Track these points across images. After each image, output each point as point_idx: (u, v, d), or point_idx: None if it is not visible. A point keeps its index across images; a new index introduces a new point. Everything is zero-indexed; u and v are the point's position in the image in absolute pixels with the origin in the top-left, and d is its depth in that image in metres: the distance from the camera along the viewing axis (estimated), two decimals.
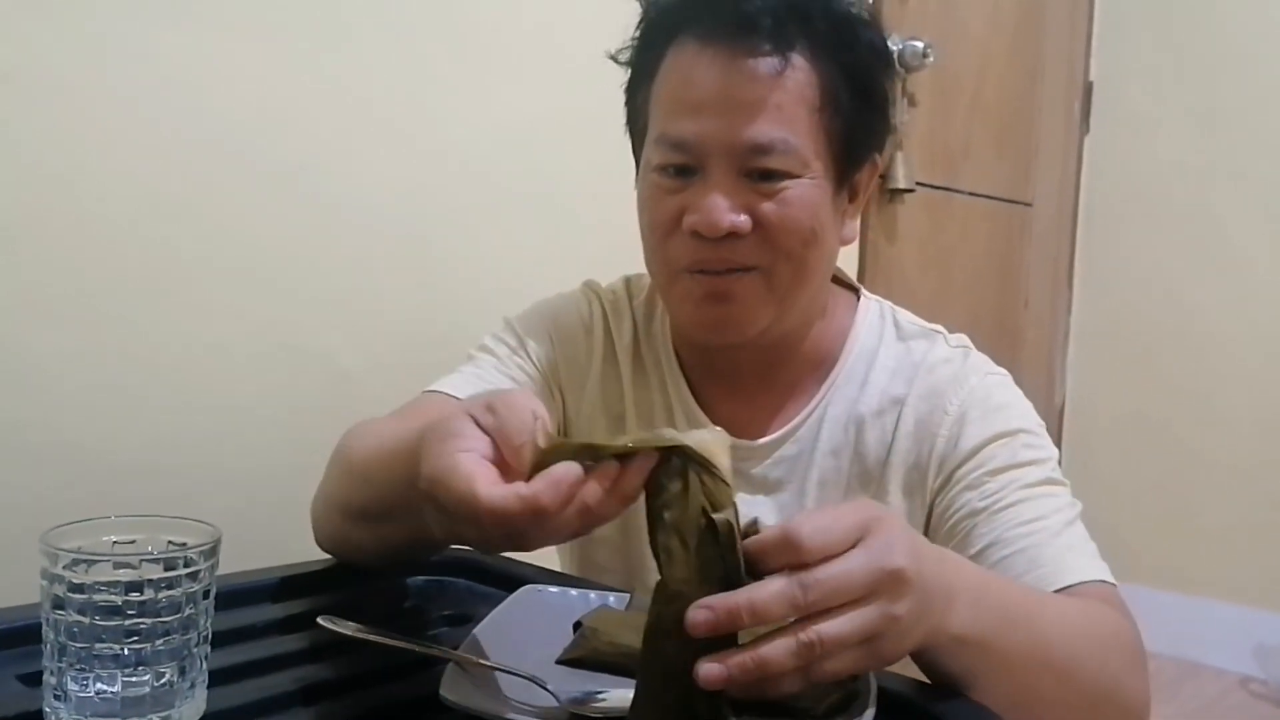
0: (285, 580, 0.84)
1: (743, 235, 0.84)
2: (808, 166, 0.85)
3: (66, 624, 0.54)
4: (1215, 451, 2.75)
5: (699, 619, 0.53)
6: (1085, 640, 0.72)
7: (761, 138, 0.83)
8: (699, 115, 0.84)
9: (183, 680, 0.56)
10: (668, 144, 0.86)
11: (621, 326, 1.01)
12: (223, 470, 1.19)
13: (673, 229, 0.87)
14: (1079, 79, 2.94)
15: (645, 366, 1.00)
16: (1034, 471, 0.86)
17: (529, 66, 1.48)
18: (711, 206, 0.83)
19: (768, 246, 0.85)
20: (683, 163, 0.86)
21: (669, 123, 0.86)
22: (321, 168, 1.28)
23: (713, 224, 0.83)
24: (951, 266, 2.55)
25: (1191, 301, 2.82)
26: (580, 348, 1.00)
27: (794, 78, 0.84)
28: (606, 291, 1.04)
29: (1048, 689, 0.69)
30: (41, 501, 1.04)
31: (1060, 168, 2.91)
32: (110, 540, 0.59)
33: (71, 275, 1.08)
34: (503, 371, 0.97)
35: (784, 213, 0.84)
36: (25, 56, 1.04)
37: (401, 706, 0.62)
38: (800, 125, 0.84)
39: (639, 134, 0.93)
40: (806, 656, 0.53)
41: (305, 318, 1.27)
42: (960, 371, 0.93)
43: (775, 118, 0.83)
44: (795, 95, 0.84)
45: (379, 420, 0.89)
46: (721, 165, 0.84)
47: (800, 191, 0.85)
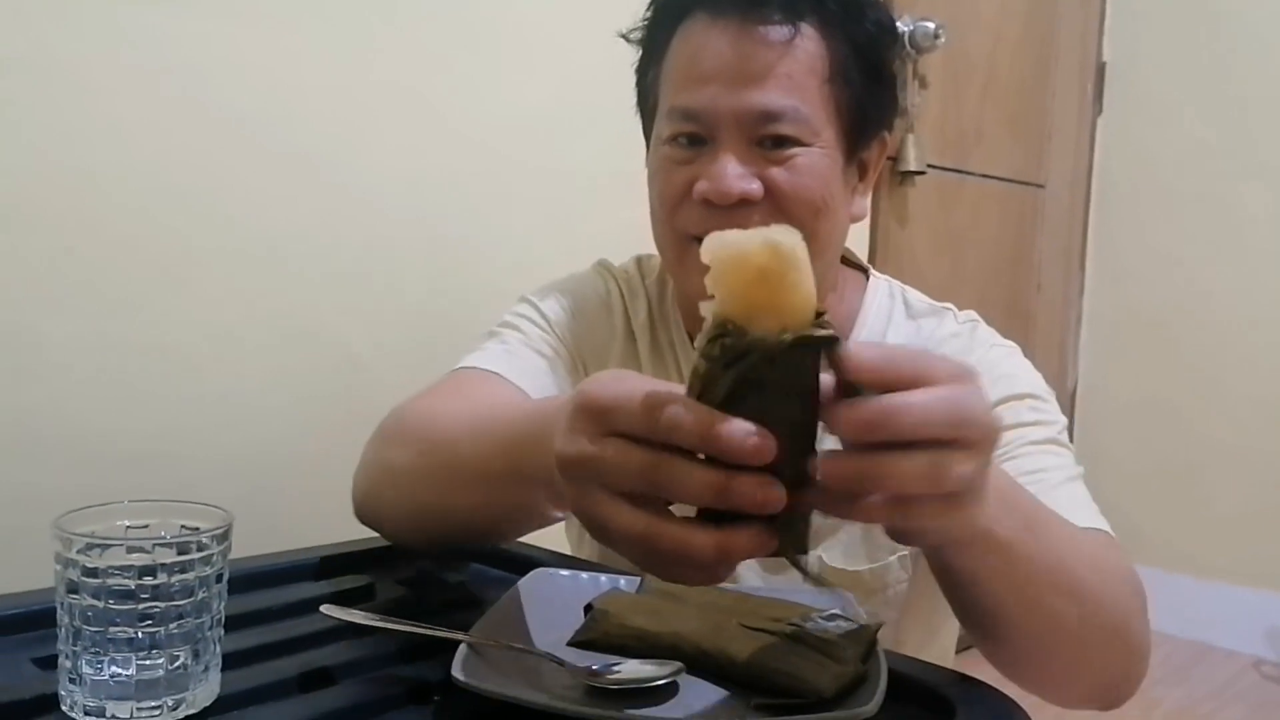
0: (299, 564, 0.84)
1: (754, 203, 0.84)
2: (818, 135, 0.86)
3: (80, 608, 0.55)
4: (1227, 435, 2.74)
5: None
6: (1100, 571, 0.71)
7: (772, 104, 0.84)
8: (709, 85, 0.85)
9: (196, 663, 0.57)
10: (678, 115, 0.87)
11: (637, 305, 1.01)
12: (235, 456, 1.19)
13: (682, 199, 0.87)
14: (1092, 59, 2.92)
15: (661, 346, 1.00)
16: (1039, 431, 0.86)
17: (540, 51, 1.48)
18: (722, 173, 0.84)
19: (779, 215, 0.85)
20: (693, 132, 0.86)
21: (679, 94, 0.87)
22: (332, 154, 1.28)
23: (724, 190, 0.83)
24: (963, 249, 2.54)
25: (1205, 285, 2.80)
26: (602, 326, 1.00)
27: (804, 47, 0.85)
28: (620, 271, 1.04)
29: (1060, 611, 0.67)
30: (54, 488, 1.04)
31: (1073, 149, 2.89)
32: (123, 525, 0.59)
33: (82, 263, 1.09)
34: (531, 347, 0.96)
35: (795, 180, 0.85)
36: (36, 44, 1.04)
37: (415, 689, 0.62)
38: (810, 94, 0.85)
39: (649, 113, 0.93)
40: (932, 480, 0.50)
41: (317, 304, 1.28)
42: (968, 344, 0.93)
43: (785, 85, 0.84)
44: (805, 65, 0.84)
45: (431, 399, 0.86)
46: (732, 133, 0.85)
47: (811, 160, 0.85)
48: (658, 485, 0.50)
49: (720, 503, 0.49)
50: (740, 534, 0.50)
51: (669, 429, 0.49)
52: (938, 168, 2.37)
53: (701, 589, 0.74)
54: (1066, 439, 0.88)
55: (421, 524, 0.82)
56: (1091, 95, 2.93)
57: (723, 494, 0.49)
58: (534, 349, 0.95)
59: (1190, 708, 2.39)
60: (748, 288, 0.48)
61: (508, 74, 1.45)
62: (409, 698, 0.61)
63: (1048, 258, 2.84)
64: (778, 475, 0.49)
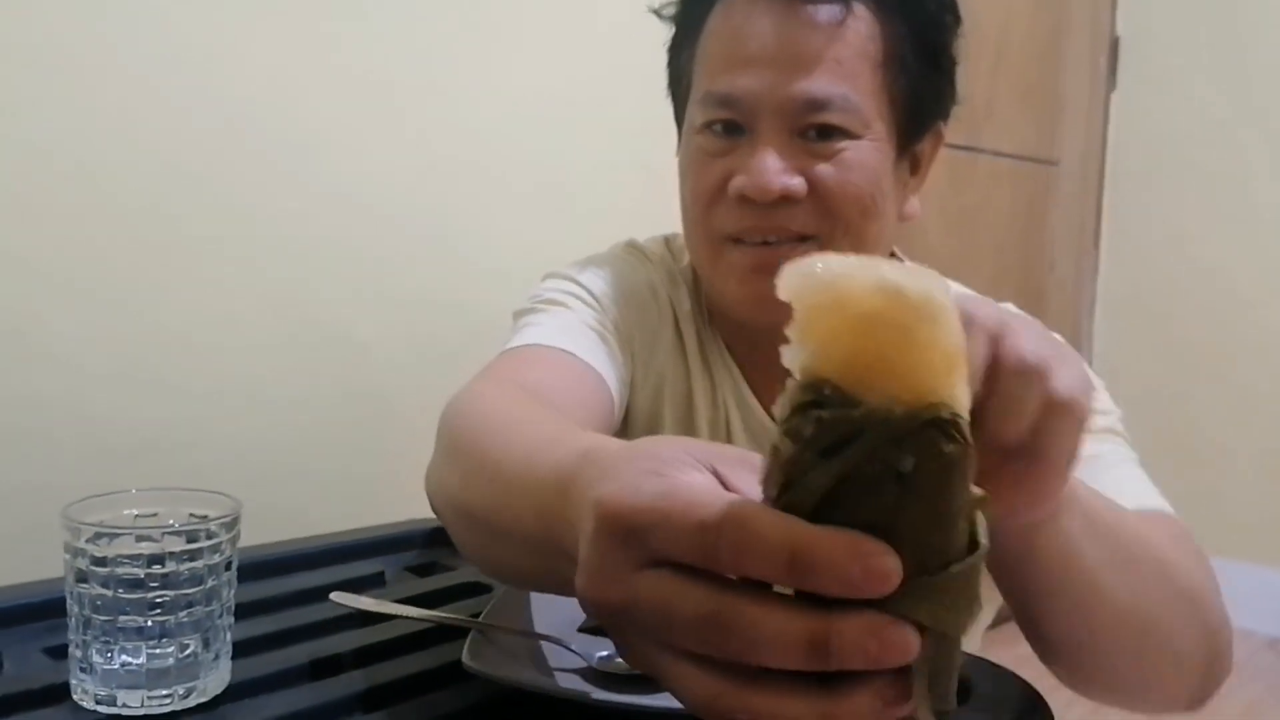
0: (308, 552, 0.84)
1: (796, 201, 0.77)
2: (868, 127, 0.78)
3: (90, 597, 0.55)
4: (1244, 413, 2.72)
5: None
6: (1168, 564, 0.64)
7: (819, 92, 0.76)
8: (749, 68, 0.77)
9: (207, 652, 0.57)
10: (714, 100, 0.79)
11: (679, 293, 0.91)
12: (242, 444, 1.19)
13: (718, 196, 0.80)
14: (1105, 34, 2.89)
15: (707, 346, 0.91)
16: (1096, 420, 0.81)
17: (543, 43, 1.47)
18: (762, 168, 0.76)
19: (824, 214, 0.78)
20: (730, 118, 0.79)
21: (716, 78, 0.79)
22: (337, 145, 1.27)
23: (763, 186, 0.76)
24: (975, 228, 2.52)
25: (1219, 262, 2.77)
26: (650, 311, 0.89)
27: (856, 29, 0.77)
28: (653, 254, 0.94)
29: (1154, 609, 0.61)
30: (62, 478, 1.04)
31: (1086, 126, 2.86)
32: (132, 514, 0.59)
33: (88, 254, 1.09)
34: (587, 324, 0.84)
35: (842, 177, 0.77)
36: (38, 37, 1.04)
37: (426, 676, 0.62)
38: (861, 82, 0.77)
39: (681, 97, 0.86)
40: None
41: (322, 292, 1.27)
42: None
43: (834, 71, 0.76)
44: (857, 49, 0.77)
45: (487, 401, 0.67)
46: (773, 123, 0.77)
47: (860, 154, 0.78)
48: (723, 642, 0.34)
49: (820, 663, 0.33)
50: (855, 696, 0.34)
51: (737, 555, 0.34)
52: (949, 145, 2.34)
53: None
54: (1122, 428, 0.81)
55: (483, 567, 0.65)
56: (1105, 70, 2.90)
57: (822, 648, 0.33)
58: (590, 327, 0.83)
59: None
60: (856, 340, 0.33)
61: (512, 66, 1.44)
62: (419, 685, 0.61)
63: (1060, 236, 2.82)
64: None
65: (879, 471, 0.33)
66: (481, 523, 0.57)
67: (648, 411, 0.88)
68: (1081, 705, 0.90)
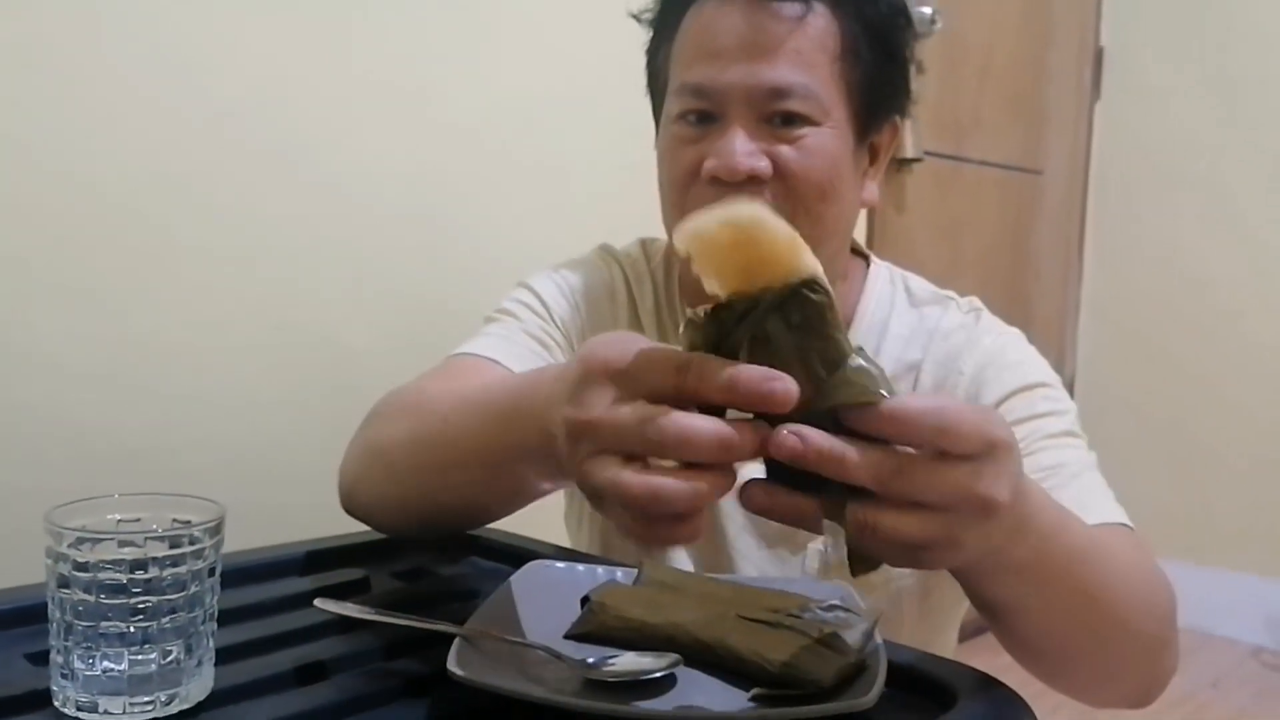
0: (292, 558, 0.84)
1: (763, 181, 0.84)
2: (828, 114, 0.85)
3: (72, 603, 0.54)
4: (1227, 421, 2.74)
5: (786, 444, 0.50)
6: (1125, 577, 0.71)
7: (781, 81, 0.84)
8: (719, 61, 0.85)
9: (189, 658, 0.56)
10: (688, 91, 0.87)
11: (643, 290, 1.00)
12: (227, 450, 1.19)
13: (692, 179, 0.87)
14: (1090, 44, 2.91)
15: (667, 331, 0.99)
16: (1054, 422, 0.86)
17: (533, 40, 1.47)
18: (731, 149, 0.83)
19: (786, 194, 0.84)
20: (702, 108, 0.86)
21: (689, 70, 0.87)
22: (324, 145, 1.27)
23: (732, 167, 0.83)
24: (961, 237, 2.53)
25: (1203, 271, 2.79)
26: (604, 313, 0.99)
27: (815, 24, 0.85)
28: (624, 255, 1.03)
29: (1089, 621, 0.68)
30: (46, 482, 1.04)
31: (1071, 135, 2.88)
32: (115, 518, 0.59)
33: (72, 258, 1.08)
34: (529, 333, 0.94)
35: (804, 160, 0.84)
36: (25, 39, 1.03)
37: (411, 682, 0.61)
38: (821, 72, 0.85)
39: (659, 93, 0.93)
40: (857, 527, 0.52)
41: (309, 297, 1.27)
42: (973, 334, 0.93)
43: (796, 62, 0.84)
44: (816, 42, 0.85)
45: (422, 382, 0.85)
46: (741, 110, 0.84)
47: (821, 140, 0.85)
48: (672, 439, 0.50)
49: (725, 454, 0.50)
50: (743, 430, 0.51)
51: (699, 384, 0.50)
52: (935, 154, 2.36)
53: (699, 580, 0.74)
54: (1078, 428, 0.88)
55: (407, 504, 0.79)
56: (1089, 81, 2.92)
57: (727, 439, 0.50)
58: (531, 335, 0.94)
59: (1190, 695, 2.40)
60: (726, 260, 0.51)
61: (501, 64, 1.44)
62: (404, 691, 0.61)
63: (1046, 245, 2.84)
64: None
65: (771, 332, 0.51)
66: (428, 457, 0.73)
67: None
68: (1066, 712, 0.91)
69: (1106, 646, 0.69)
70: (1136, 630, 0.71)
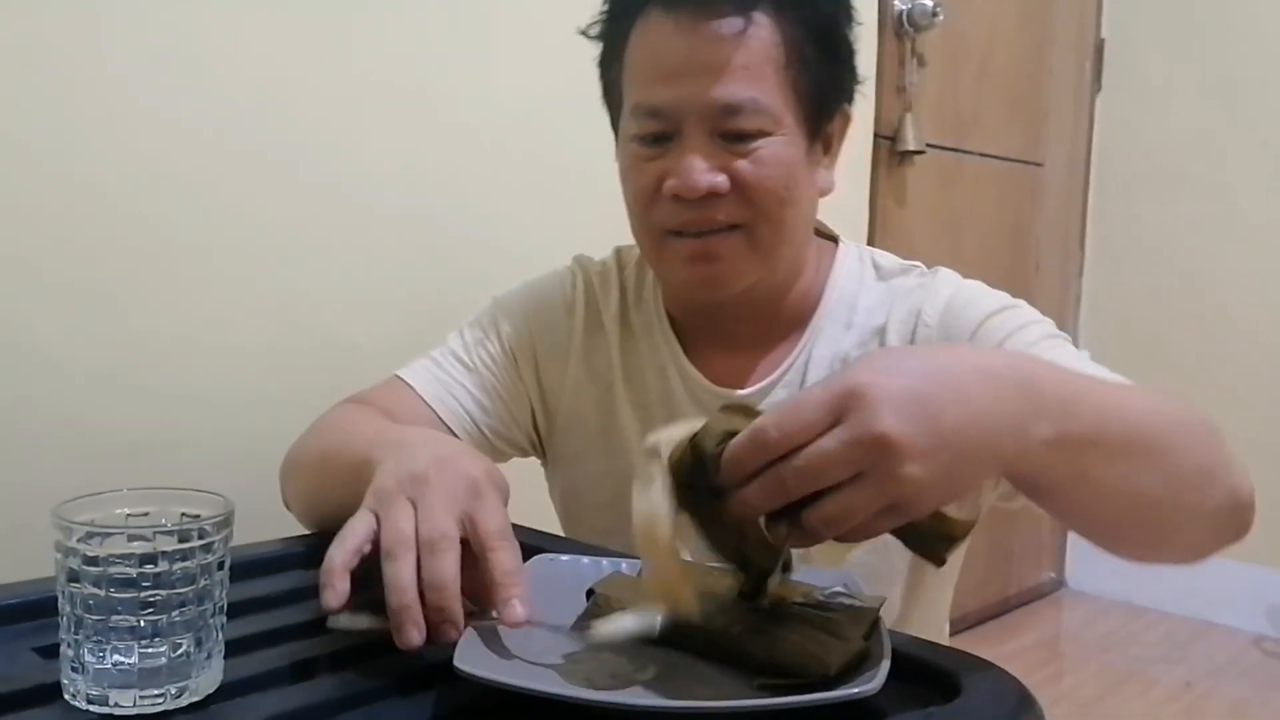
0: (299, 551, 0.84)
1: (722, 194, 0.87)
2: (779, 124, 0.87)
3: (82, 597, 0.55)
4: (1227, 413, 2.72)
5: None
6: (1170, 417, 0.72)
7: (731, 98, 0.85)
8: (670, 82, 0.86)
9: (199, 651, 0.57)
10: (642, 113, 0.89)
11: (609, 297, 1.04)
12: (234, 445, 1.19)
13: (654, 195, 0.89)
14: (1090, 38, 2.91)
15: (634, 331, 1.02)
16: (1032, 331, 0.88)
17: (533, 39, 1.47)
18: (689, 169, 0.86)
19: (747, 205, 0.87)
20: (658, 130, 0.88)
21: (642, 92, 0.89)
22: (325, 144, 1.27)
23: (691, 185, 0.86)
24: (962, 229, 2.53)
25: (1203, 264, 2.79)
26: (560, 325, 1.03)
27: (758, 36, 0.86)
28: (595, 264, 1.07)
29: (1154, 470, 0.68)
30: (53, 479, 1.04)
31: (1071, 128, 2.88)
32: (124, 513, 0.59)
33: (76, 256, 1.08)
34: (463, 361, 1.01)
35: (760, 171, 0.87)
36: (27, 38, 1.04)
37: (416, 676, 0.62)
38: (769, 84, 0.86)
39: (615, 106, 0.95)
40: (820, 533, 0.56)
41: (312, 294, 1.27)
42: (931, 286, 0.95)
43: (743, 77, 0.85)
44: (761, 54, 0.86)
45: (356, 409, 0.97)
46: (696, 128, 0.86)
47: (774, 150, 0.87)
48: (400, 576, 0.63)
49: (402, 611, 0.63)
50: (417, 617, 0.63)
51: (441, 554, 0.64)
52: (936, 147, 2.36)
53: (704, 571, 0.74)
54: (1057, 330, 0.90)
55: (312, 514, 0.92)
56: (1090, 74, 2.92)
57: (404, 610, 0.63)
58: (460, 360, 1.01)
59: (1191, 685, 2.40)
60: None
61: (501, 64, 1.44)
62: (411, 685, 0.61)
63: (1046, 237, 2.84)
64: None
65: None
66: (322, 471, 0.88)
67: (567, 408, 1.02)
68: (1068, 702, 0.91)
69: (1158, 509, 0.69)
70: (1196, 466, 0.71)
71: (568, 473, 1.05)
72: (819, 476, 0.55)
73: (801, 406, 0.56)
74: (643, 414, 0.99)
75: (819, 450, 0.55)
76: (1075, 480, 0.65)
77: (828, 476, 0.55)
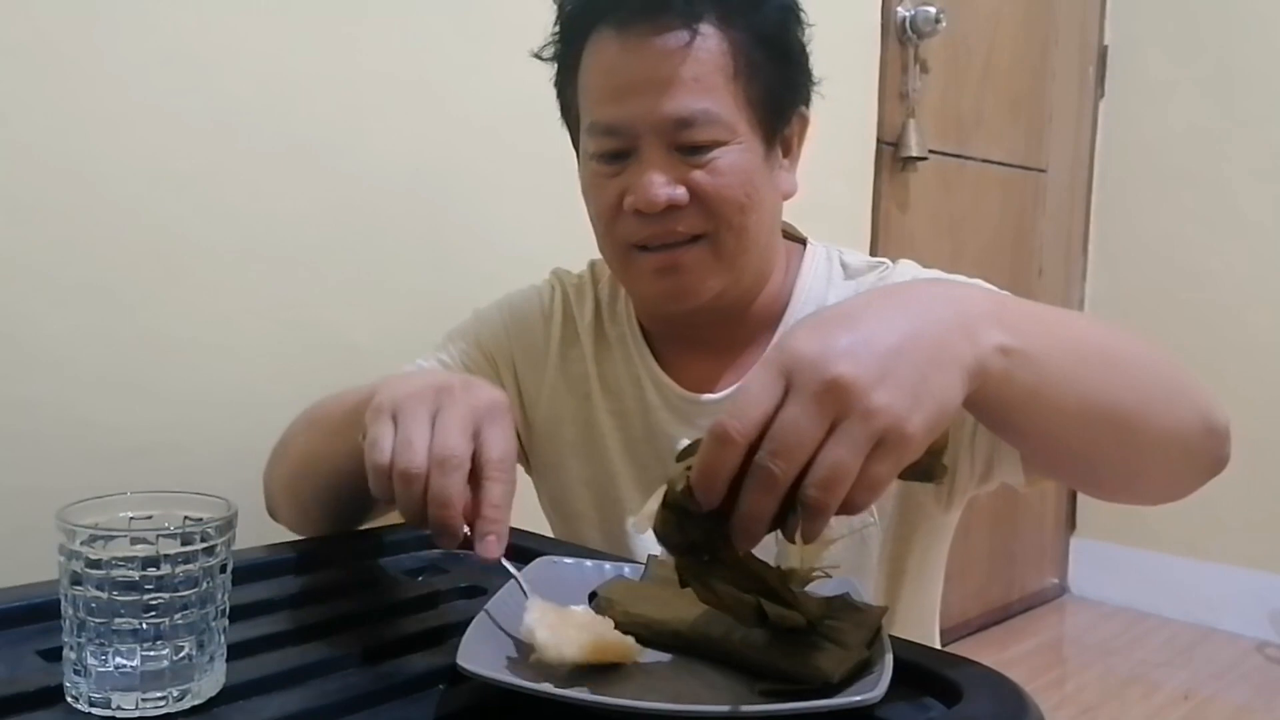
0: (301, 555, 0.84)
1: (682, 207, 0.87)
2: (734, 133, 0.88)
3: (85, 600, 0.55)
4: (1230, 413, 2.73)
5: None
6: (1127, 339, 0.71)
7: (683, 111, 0.86)
8: (622, 99, 0.87)
9: (201, 654, 0.57)
10: (599, 131, 0.89)
11: (584, 308, 1.05)
12: (238, 447, 1.19)
13: (617, 211, 0.90)
14: (1093, 43, 2.91)
15: (609, 341, 1.03)
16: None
17: (537, 37, 1.47)
18: (647, 184, 0.87)
19: (708, 215, 0.88)
20: (616, 148, 0.89)
21: (597, 111, 0.90)
22: (330, 146, 1.27)
23: (650, 200, 0.86)
24: (964, 234, 2.53)
25: (1206, 269, 2.79)
26: (538, 336, 1.05)
27: (705, 47, 0.86)
28: (571, 277, 1.09)
29: (1119, 381, 0.67)
30: (56, 481, 1.04)
31: (1074, 133, 2.88)
32: (127, 516, 0.59)
33: (81, 256, 1.09)
34: (448, 367, 1.02)
35: (718, 181, 0.87)
36: (32, 36, 1.04)
37: (420, 678, 0.62)
38: (720, 94, 0.87)
39: (573, 124, 0.96)
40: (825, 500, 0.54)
41: (317, 294, 1.28)
42: (889, 277, 0.96)
43: (693, 89, 0.86)
44: (710, 65, 0.86)
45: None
46: (652, 143, 0.87)
47: (730, 159, 0.88)
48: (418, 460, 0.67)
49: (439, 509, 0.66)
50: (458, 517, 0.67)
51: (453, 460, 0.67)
52: (938, 153, 2.36)
53: None
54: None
55: (296, 487, 0.92)
56: (1093, 79, 2.92)
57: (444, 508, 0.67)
58: (447, 367, 1.02)
59: (1194, 690, 2.40)
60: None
61: (507, 62, 1.44)
62: (414, 687, 0.61)
63: (1049, 242, 2.84)
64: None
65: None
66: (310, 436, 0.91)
67: (545, 416, 1.04)
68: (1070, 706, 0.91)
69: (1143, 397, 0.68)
70: (1159, 376, 0.70)
71: (551, 481, 1.05)
72: (798, 446, 0.54)
73: (747, 391, 0.56)
74: (621, 422, 1.01)
75: (785, 421, 0.54)
76: (1037, 392, 0.63)
77: (806, 440, 0.54)
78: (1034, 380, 0.62)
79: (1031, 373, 0.62)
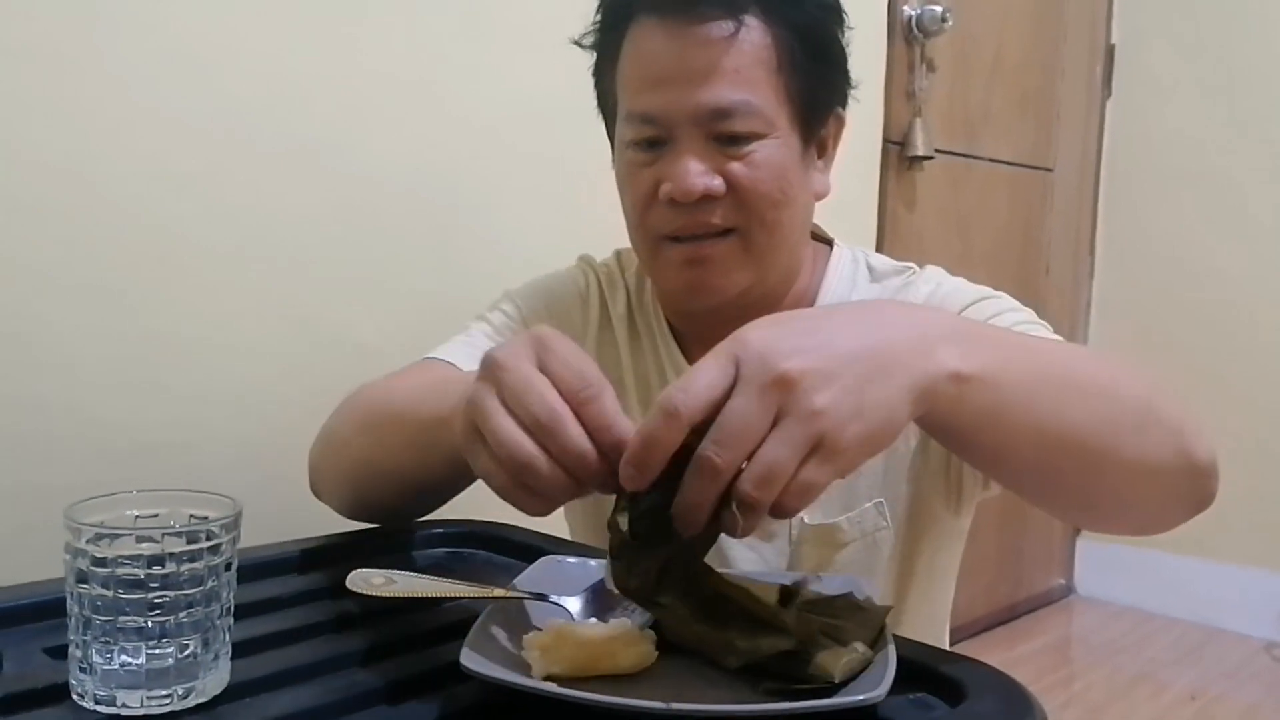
0: (306, 553, 0.84)
1: (717, 198, 0.87)
2: (773, 126, 0.88)
3: (90, 598, 0.55)
4: (1237, 417, 2.72)
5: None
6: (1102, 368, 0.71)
7: (723, 101, 0.86)
8: (662, 88, 0.87)
9: (206, 652, 0.57)
10: (637, 119, 0.89)
11: (616, 297, 1.05)
12: (243, 446, 1.20)
13: (651, 200, 0.90)
14: (1100, 42, 2.90)
15: (639, 333, 1.04)
16: (1011, 316, 0.88)
17: (545, 36, 1.47)
18: (684, 172, 0.86)
19: (741, 209, 0.88)
20: (653, 136, 0.89)
21: (635, 99, 0.89)
22: (336, 143, 1.28)
23: (687, 189, 0.86)
24: (972, 234, 2.53)
25: (1214, 268, 2.78)
26: (576, 318, 1.04)
27: (748, 39, 0.86)
28: (600, 265, 1.09)
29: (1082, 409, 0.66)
30: (62, 479, 1.05)
31: (1082, 132, 2.87)
32: (132, 514, 0.59)
33: (87, 255, 1.09)
34: (497, 341, 0.98)
35: (754, 174, 0.87)
36: (35, 36, 1.04)
37: (425, 676, 0.62)
38: (760, 86, 0.86)
39: (610, 114, 0.96)
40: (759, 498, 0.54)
41: (323, 293, 1.28)
42: (915, 283, 0.95)
43: (734, 80, 0.86)
44: (751, 57, 0.86)
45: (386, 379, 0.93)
46: (689, 133, 0.87)
47: (767, 153, 0.87)
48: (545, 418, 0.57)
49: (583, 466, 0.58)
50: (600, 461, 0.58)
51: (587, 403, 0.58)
52: (946, 152, 2.36)
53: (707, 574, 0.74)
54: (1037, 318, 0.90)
55: (356, 482, 0.88)
56: (1100, 78, 2.91)
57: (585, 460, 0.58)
58: (494, 342, 0.98)
59: (1201, 690, 2.39)
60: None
61: (513, 62, 1.44)
62: (418, 686, 0.61)
63: (1056, 242, 2.83)
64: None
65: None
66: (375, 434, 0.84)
67: None
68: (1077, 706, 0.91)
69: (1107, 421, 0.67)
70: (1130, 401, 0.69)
71: None
72: (742, 436, 0.54)
73: (698, 373, 0.55)
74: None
75: (731, 411, 0.54)
76: (994, 415, 0.63)
77: (750, 432, 0.54)
78: (989, 404, 0.62)
79: (987, 396, 0.62)
